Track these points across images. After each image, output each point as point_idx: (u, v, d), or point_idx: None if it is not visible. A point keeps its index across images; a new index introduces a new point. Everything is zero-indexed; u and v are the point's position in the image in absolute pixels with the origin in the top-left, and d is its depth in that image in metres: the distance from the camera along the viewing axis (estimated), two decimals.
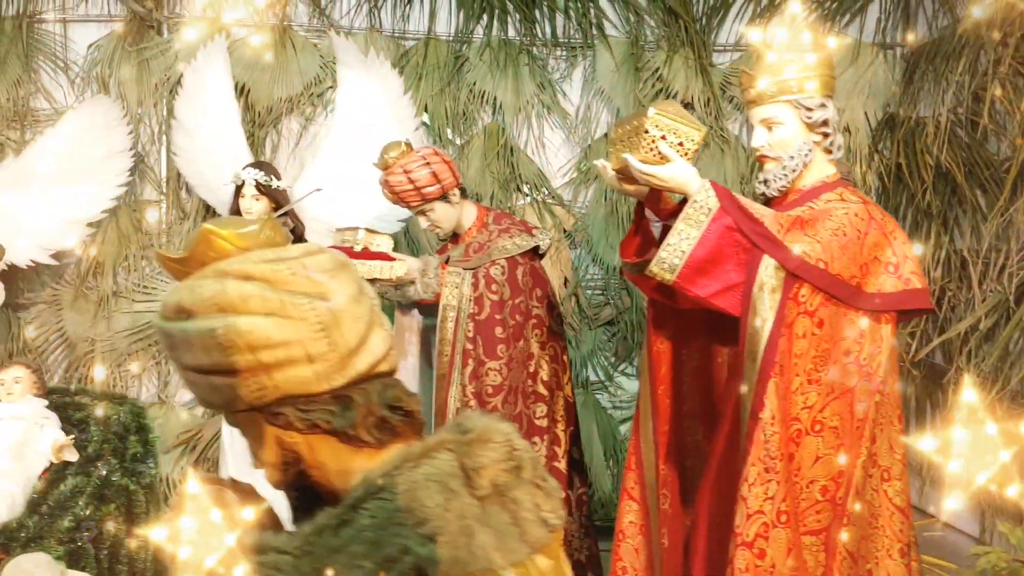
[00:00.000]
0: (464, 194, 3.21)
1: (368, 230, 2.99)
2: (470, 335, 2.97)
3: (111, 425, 3.19)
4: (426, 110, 4.80)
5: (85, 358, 4.67)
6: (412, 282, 2.99)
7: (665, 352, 2.41)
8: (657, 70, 4.85)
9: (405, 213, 4.19)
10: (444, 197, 3.09)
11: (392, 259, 2.96)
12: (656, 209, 2.26)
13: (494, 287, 3.00)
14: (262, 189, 3.79)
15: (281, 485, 1.16)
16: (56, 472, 3.00)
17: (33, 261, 4.29)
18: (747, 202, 2.09)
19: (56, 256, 4.41)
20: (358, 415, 1.06)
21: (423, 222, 3.15)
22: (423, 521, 0.95)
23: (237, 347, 1.03)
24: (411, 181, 3.01)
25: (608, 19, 4.92)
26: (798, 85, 2.20)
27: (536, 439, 3.11)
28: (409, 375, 3.37)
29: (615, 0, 4.91)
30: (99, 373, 4.46)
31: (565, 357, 3.23)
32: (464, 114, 4.80)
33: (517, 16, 4.88)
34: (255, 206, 3.80)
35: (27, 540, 2.72)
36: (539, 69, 4.89)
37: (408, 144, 3.08)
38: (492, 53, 4.82)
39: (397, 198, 3.06)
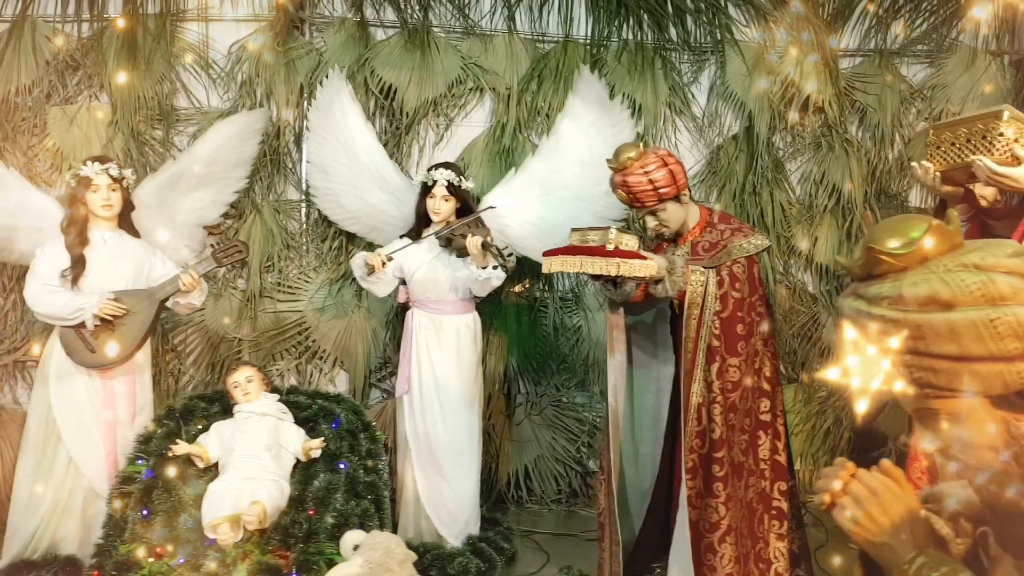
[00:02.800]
0: (690, 194, 3.27)
1: (619, 229, 3.04)
2: (716, 332, 3.05)
3: (341, 423, 3.21)
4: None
5: (230, 357, 4.66)
6: (660, 280, 3.05)
7: None
8: (788, 74, 4.95)
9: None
10: (677, 197, 3.16)
11: (645, 258, 3.01)
12: (986, 212, 2.35)
13: (737, 285, 3.07)
14: (452, 189, 3.83)
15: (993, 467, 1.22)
16: (304, 469, 3.01)
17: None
18: None
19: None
20: None
21: (651, 221, 3.20)
22: None
23: (1016, 335, 1.11)
24: (651, 182, 3.07)
25: (735, 23, 5.02)
26: None
27: (761, 433, 3.18)
28: (617, 371, 3.43)
29: (742, 5, 5.01)
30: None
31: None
32: None
33: (643, 19, 4.96)
34: (444, 206, 3.84)
35: (303, 537, 2.74)
36: (671, 72, 4.98)
37: (643, 145, 3.13)
38: (629, 56, 4.90)
39: (632, 198, 3.11)
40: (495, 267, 3.49)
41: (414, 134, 4.76)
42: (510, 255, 3.58)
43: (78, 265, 3.42)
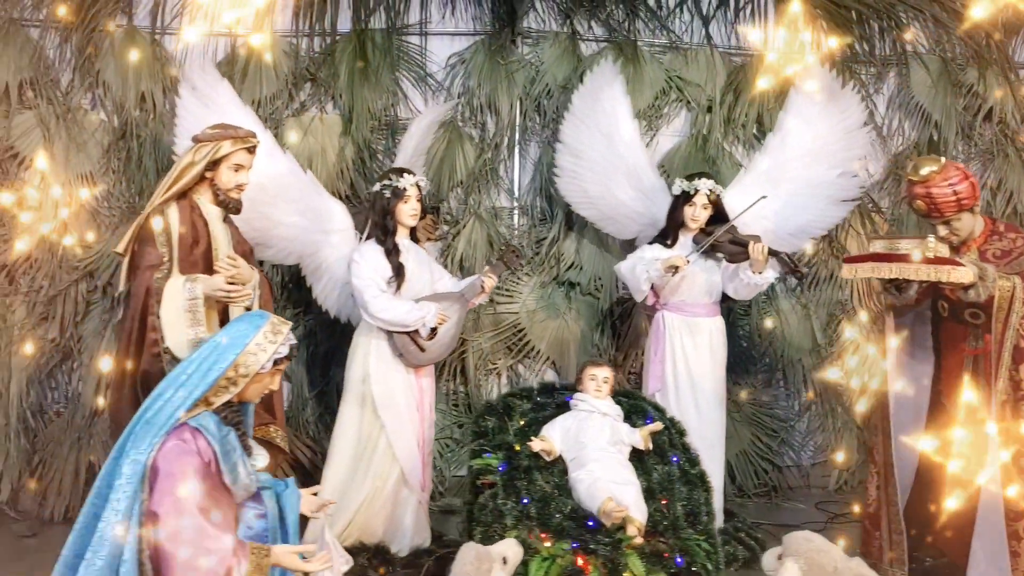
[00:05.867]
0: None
1: (937, 238, 3.25)
2: (1023, 333, 3.27)
3: (654, 419, 3.42)
4: (759, 121, 5.09)
5: (452, 357, 4.85)
6: (971, 286, 3.26)
7: None
8: (972, 87, 5.19)
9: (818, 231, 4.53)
10: (971, 208, 3.38)
11: (961, 265, 3.23)
12: None
13: None
14: (711, 198, 4.04)
15: None
16: (639, 462, 3.22)
17: None
18: None
19: None
20: None
21: (941, 230, 3.42)
22: None
23: None
24: (955, 193, 3.29)
25: (916, 38, 5.26)
26: None
27: None
28: (891, 371, 3.65)
29: (921, 20, 5.25)
30: None
31: None
32: None
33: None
34: (703, 214, 4.05)
35: (669, 525, 2.94)
36: (858, 84, 5.20)
37: (941, 159, 3.35)
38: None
39: (932, 208, 3.33)
40: (790, 273, 3.71)
41: None
42: (800, 260, 3.79)
43: (400, 274, 3.64)
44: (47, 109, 4.48)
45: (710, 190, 4.02)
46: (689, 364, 4.08)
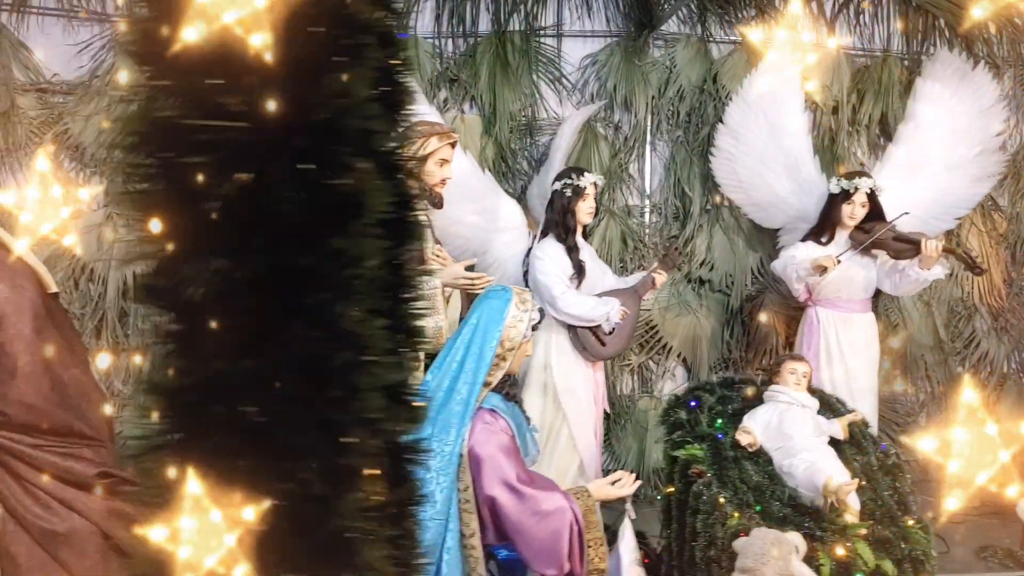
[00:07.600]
0: None
1: None
2: None
3: (839, 412, 3.51)
4: (882, 121, 5.18)
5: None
6: None
7: None
8: None
9: (963, 211, 4.64)
10: None
11: None
12: None
13: None
14: (870, 197, 4.12)
15: None
16: (839, 452, 3.31)
17: None
18: None
19: None
20: None
21: None
22: None
23: None
24: None
25: None
26: None
27: None
28: None
29: None
30: None
31: None
32: None
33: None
34: (861, 212, 4.14)
35: (883, 514, 3.03)
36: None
37: None
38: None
39: None
40: (969, 269, 3.81)
41: None
42: (976, 256, 3.89)
43: (582, 271, 3.73)
44: None
45: (870, 188, 4.11)
46: (845, 359, 4.17)
